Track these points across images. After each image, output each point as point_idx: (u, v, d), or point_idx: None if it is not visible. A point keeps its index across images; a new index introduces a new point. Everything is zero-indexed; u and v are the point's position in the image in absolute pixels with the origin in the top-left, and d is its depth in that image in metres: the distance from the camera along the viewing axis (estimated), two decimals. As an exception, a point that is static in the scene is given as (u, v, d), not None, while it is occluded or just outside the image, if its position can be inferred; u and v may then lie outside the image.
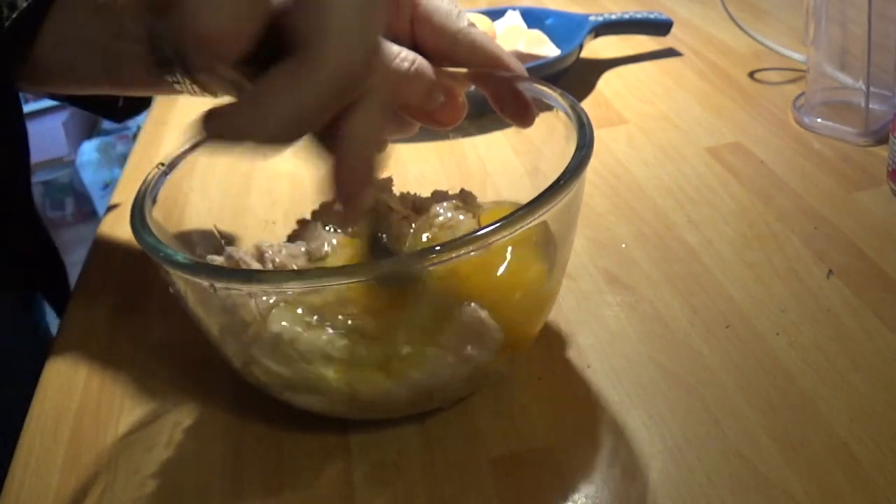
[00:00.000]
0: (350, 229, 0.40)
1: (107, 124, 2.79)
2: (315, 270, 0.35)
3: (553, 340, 0.42)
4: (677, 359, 0.40)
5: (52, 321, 0.66)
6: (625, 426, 0.36)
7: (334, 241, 0.39)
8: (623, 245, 0.49)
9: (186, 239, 0.39)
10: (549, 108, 0.39)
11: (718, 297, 0.43)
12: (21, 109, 0.54)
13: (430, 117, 0.38)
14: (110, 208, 0.60)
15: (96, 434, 0.40)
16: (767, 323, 0.41)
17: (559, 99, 0.38)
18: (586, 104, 0.69)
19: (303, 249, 0.39)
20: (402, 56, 0.35)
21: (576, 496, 0.34)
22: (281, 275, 0.34)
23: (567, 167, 0.33)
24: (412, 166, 0.49)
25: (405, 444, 0.37)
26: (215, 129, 0.27)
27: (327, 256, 0.39)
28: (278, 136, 0.27)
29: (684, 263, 0.46)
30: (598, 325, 0.43)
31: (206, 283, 0.32)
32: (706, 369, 0.39)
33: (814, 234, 0.48)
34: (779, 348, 0.40)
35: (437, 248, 0.29)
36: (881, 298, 0.42)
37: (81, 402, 0.42)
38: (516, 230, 0.31)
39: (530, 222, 0.31)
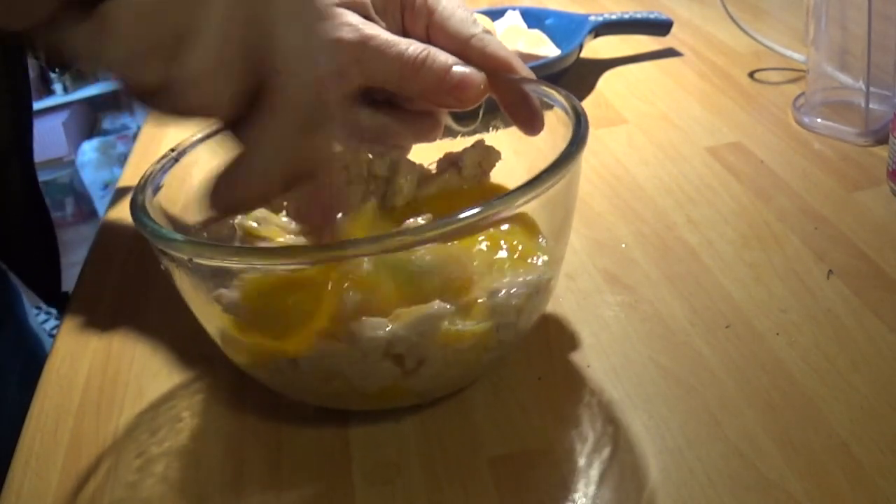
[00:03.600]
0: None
1: (107, 124, 2.79)
2: (295, 248, 0.36)
3: (553, 340, 0.42)
4: (677, 359, 0.40)
5: (31, 314, 0.67)
6: (625, 426, 0.36)
7: None
8: (623, 245, 0.49)
9: (193, 227, 0.39)
10: (549, 107, 0.39)
11: (718, 297, 0.43)
12: (28, 78, 0.54)
13: (451, 95, 0.38)
14: (112, 204, 0.60)
15: (96, 434, 0.40)
16: (767, 323, 0.41)
17: (560, 98, 0.38)
18: (586, 104, 0.69)
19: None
20: (414, 46, 0.36)
21: (576, 496, 0.34)
22: (262, 251, 0.35)
23: (556, 158, 0.34)
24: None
25: (405, 442, 0.37)
26: (223, 205, 0.29)
27: None
28: (273, 186, 0.29)
29: (684, 263, 0.46)
30: (598, 324, 0.43)
31: (185, 258, 0.32)
32: (706, 369, 0.39)
33: (814, 234, 0.48)
34: (779, 348, 0.40)
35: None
36: (881, 298, 0.42)
37: (81, 403, 0.42)
38: (495, 216, 0.31)
39: (516, 207, 0.32)
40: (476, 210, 0.31)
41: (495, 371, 0.40)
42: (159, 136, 0.71)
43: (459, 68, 0.37)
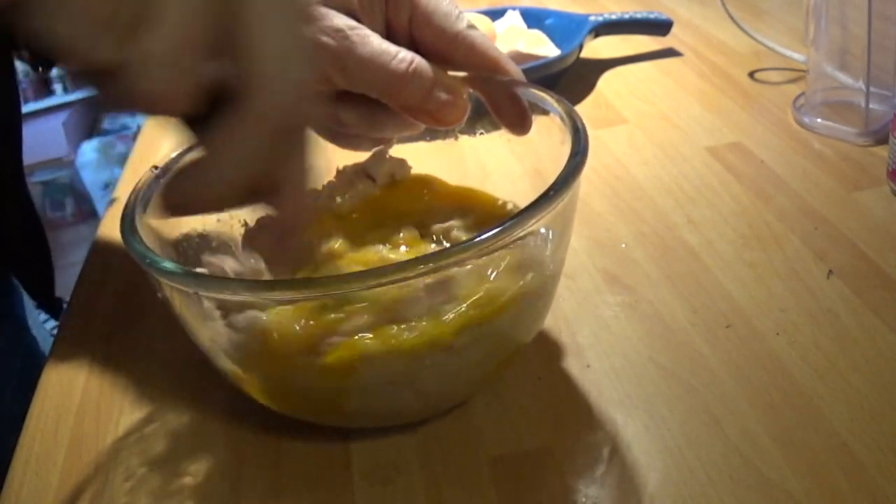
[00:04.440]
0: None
1: (107, 124, 2.79)
2: (298, 281, 0.35)
3: (552, 340, 0.42)
4: (677, 359, 0.40)
5: (31, 313, 0.67)
6: (625, 426, 0.36)
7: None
8: (623, 245, 0.49)
9: (182, 242, 0.39)
10: (545, 112, 0.39)
11: (718, 297, 0.43)
12: (16, 84, 0.54)
13: (432, 117, 0.37)
14: (111, 203, 0.60)
15: (96, 434, 0.40)
16: (767, 323, 0.41)
17: (554, 104, 0.38)
18: (586, 104, 0.69)
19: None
20: (400, 57, 0.35)
21: (576, 496, 0.34)
22: (263, 285, 0.35)
23: (560, 174, 0.33)
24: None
25: (405, 443, 0.37)
26: (176, 207, 0.28)
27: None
28: (231, 196, 0.27)
29: (684, 263, 0.46)
30: (598, 324, 0.43)
31: (190, 291, 0.32)
32: (706, 369, 0.39)
33: (814, 234, 0.48)
34: (779, 348, 0.40)
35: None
36: (881, 298, 0.42)
37: (81, 403, 0.42)
38: (512, 238, 0.31)
39: (528, 227, 0.31)
40: (494, 231, 0.30)
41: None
42: (159, 137, 0.71)
43: (443, 94, 0.36)
